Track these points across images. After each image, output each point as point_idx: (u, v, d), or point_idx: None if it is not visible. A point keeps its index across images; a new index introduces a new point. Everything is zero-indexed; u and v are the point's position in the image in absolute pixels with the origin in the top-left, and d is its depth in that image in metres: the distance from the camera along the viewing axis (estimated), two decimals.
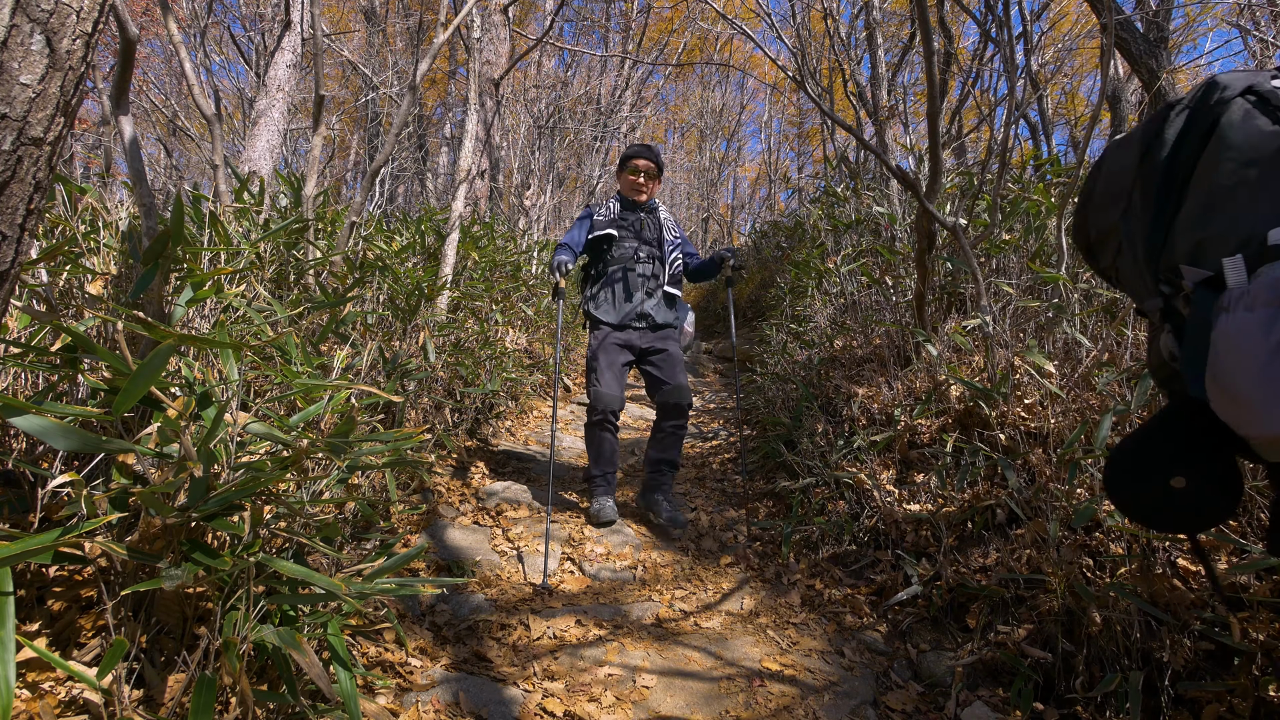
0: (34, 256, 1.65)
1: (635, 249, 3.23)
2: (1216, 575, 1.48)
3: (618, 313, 3.19)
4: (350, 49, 11.48)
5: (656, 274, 3.24)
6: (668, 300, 3.27)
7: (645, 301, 3.19)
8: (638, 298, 3.19)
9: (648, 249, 3.25)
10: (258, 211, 3.01)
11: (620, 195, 3.32)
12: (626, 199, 3.30)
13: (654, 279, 3.24)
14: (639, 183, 3.24)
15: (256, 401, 1.74)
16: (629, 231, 3.25)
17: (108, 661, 1.04)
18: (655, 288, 3.23)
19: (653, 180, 3.25)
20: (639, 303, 3.19)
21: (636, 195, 3.28)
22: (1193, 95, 0.94)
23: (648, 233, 3.27)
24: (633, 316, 3.18)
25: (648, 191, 3.27)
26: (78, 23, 0.92)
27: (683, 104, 21.18)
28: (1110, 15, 2.61)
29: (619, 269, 3.22)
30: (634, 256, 3.22)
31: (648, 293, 3.21)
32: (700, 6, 11.16)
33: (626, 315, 3.18)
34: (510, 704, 1.76)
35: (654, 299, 3.22)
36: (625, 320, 3.18)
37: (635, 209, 3.29)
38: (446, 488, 3.28)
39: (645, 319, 3.20)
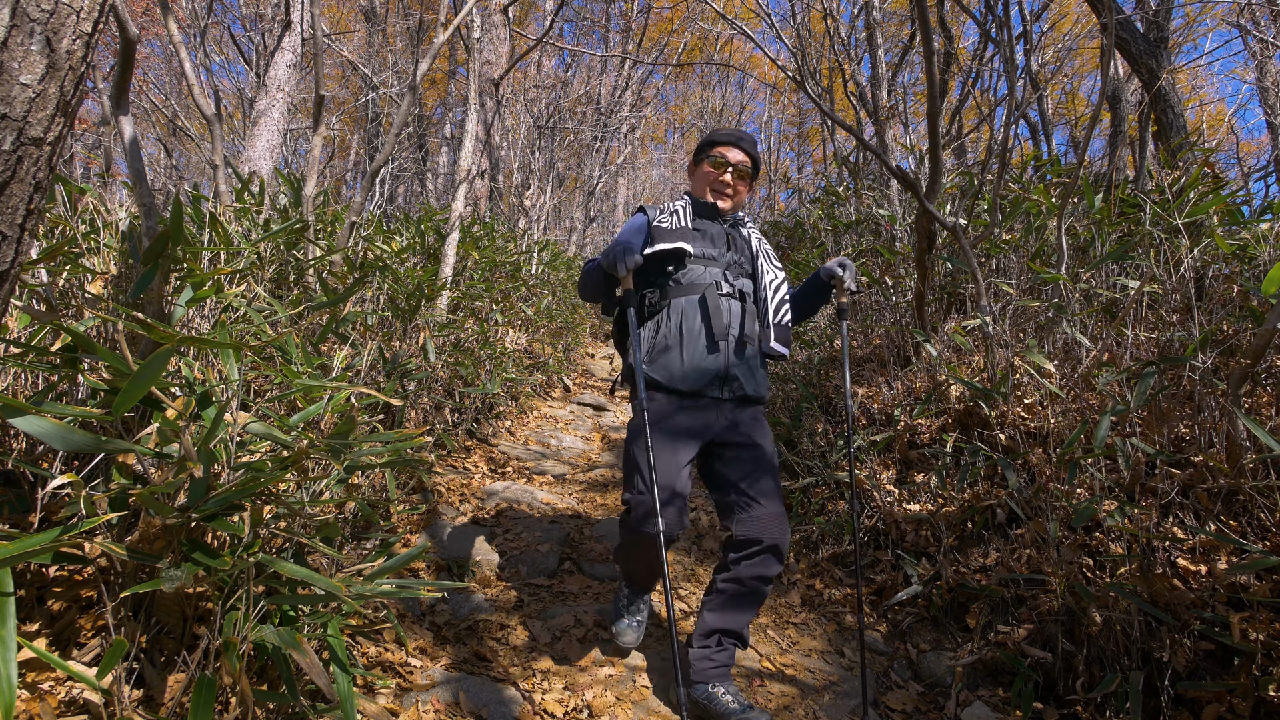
0: (34, 256, 1.65)
1: (718, 276, 2.00)
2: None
3: (687, 373, 1.91)
4: (350, 49, 11.48)
5: (751, 317, 2.02)
6: (762, 362, 2.05)
7: (733, 359, 1.93)
8: (721, 351, 1.92)
9: (735, 278, 2.04)
10: (258, 211, 3.01)
11: (691, 197, 2.17)
12: (701, 202, 2.14)
13: (745, 324, 1.99)
14: (724, 181, 2.10)
15: (256, 401, 1.74)
16: (707, 247, 2.04)
17: (108, 661, 1.04)
18: (747, 338, 1.98)
19: (744, 182, 2.13)
20: (723, 359, 1.92)
21: (718, 199, 2.12)
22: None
23: (735, 253, 2.08)
24: (710, 380, 1.91)
25: (735, 197, 2.13)
26: (78, 23, 0.92)
27: (683, 104, 21.19)
28: (1110, 15, 2.61)
29: (691, 303, 1.96)
30: (715, 286, 1.98)
31: (736, 345, 1.95)
32: (700, 6, 11.16)
33: (701, 378, 1.90)
34: (510, 704, 1.76)
35: (745, 355, 1.96)
36: (698, 385, 1.90)
37: (714, 218, 2.12)
38: (446, 488, 3.28)
39: (729, 386, 1.93)
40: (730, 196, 2.13)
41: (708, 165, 2.13)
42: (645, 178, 22.76)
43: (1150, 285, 2.89)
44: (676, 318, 1.96)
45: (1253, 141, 14.48)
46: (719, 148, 2.13)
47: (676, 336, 1.94)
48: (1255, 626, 1.65)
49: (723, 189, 2.12)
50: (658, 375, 1.93)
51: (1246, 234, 2.91)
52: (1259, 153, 13.00)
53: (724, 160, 2.10)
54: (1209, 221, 3.07)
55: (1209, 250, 2.97)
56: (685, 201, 2.14)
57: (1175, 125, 4.69)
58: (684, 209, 2.11)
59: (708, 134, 2.20)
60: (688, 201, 2.14)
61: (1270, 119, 6.75)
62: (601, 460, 4.36)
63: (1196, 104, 11.69)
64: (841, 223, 5.76)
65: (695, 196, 2.17)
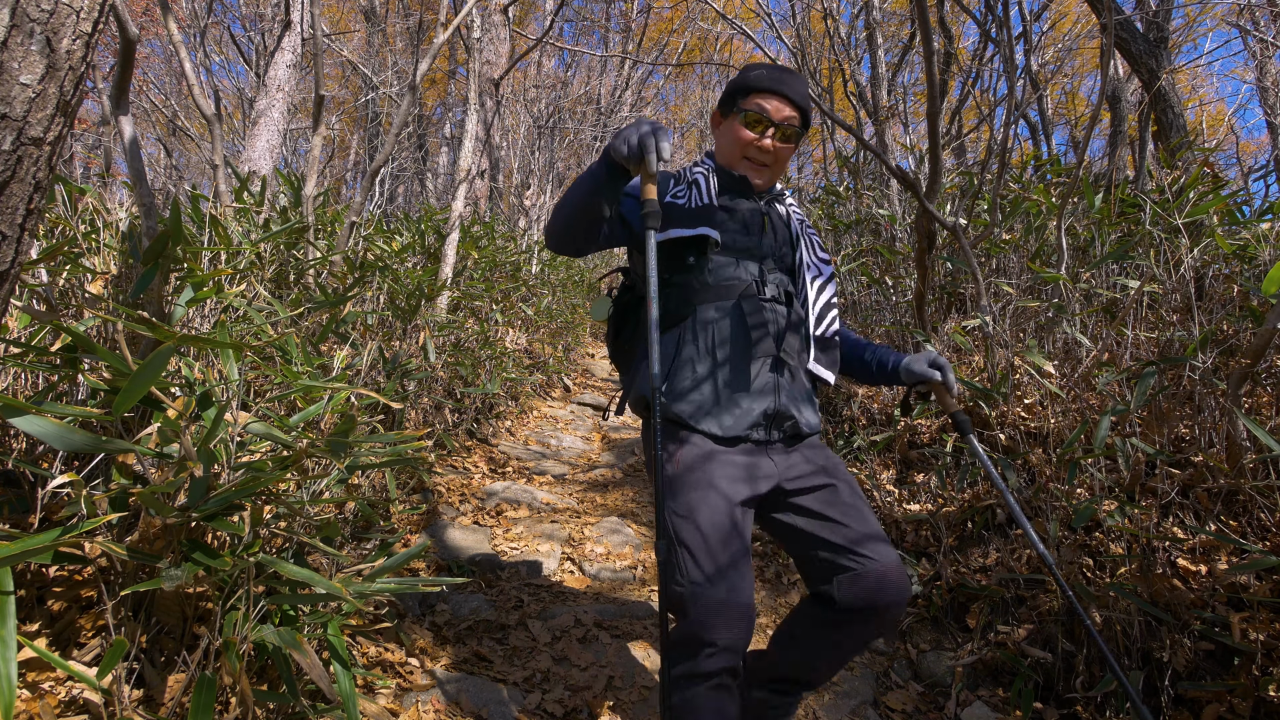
0: (34, 256, 1.65)
1: (755, 273, 1.47)
2: None
3: (724, 411, 1.39)
4: (350, 49, 11.48)
5: (798, 327, 1.49)
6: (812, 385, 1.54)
7: (784, 387, 1.42)
8: (768, 377, 1.41)
9: (775, 274, 1.49)
10: (258, 211, 3.01)
11: (714, 162, 1.58)
12: (729, 172, 1.54)
13: (793, 337, 1.47)
14: (762, 147, 1.48)
15: (256, 401, 1.75)
16: (739, 234, 1.48)
17: (108, 661, 1.04)
18: (797, 353, 1.47)
19: (789, 145, 1.49)
20: (771, 389, 1.41)
21: (752, 172, 1.52)
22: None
23: (773, 241, 1.52)
24: (755, 421, 1.39)
25: (775, 167, 1.53)
26: (78, 23, 0.92)
27: (683, 104, 21.19)
28: (1110, 15, 2.61)
29: (723, 312, 1.44)
30: (754, 288, 1.45)
31: (786, 367, 1.44)
32: (700, 6, 11.16)
33: (743, 419, 1.39)
34: (510, 704, 1.76)
35: (796, 380, 1.46)
36: (738, 429, 1.38)
37: (748, 193, 1.53)
38: (446, 488, 3.28)
39: (779, 426, 1.41)
40: (768, 167, 1.50)
41: (740, 124, 1.48)
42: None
43: (1150, 285, 2.89)
44: (705, 332, 1.41)
45: (1253, 141, 14.49)
46: (757, 97, 1.45)
47: (706, 359, 1.38)
48: (1255, 626, 1.65)
49: (760, 158, 1.48)
50: (682, 411, 1.37)
51: (1246, 234, 2.91)
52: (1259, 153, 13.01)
53: (764, 117, 1.45)
54: (1209, 221, 3.08)
55: (1209, 250, 2.97)
56: (708, 168, 1.53)
57: (1175, 125, 4.69)
58: (706, 179, 1.49)
59: (740, 73, 1.52)
60: (711, 168, 1.53)
61: (1270, 119, 6.75)
62: (601, 460, 4.36)
63: (1196, 104, 11.70)
64: (841, 222, 5.76)
65: (722, 164, 1.55)
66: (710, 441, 1.37)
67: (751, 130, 1.47)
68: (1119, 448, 2.15)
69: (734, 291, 1.44)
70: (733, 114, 1.51)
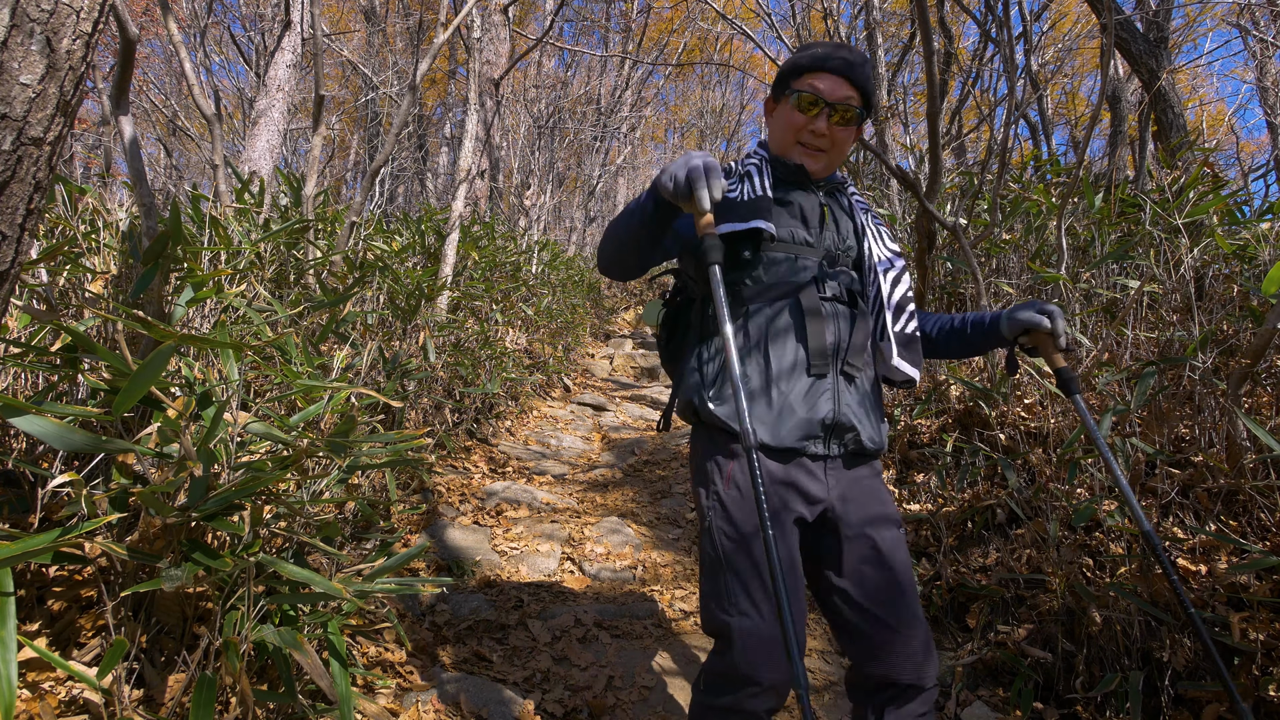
0: (34, 256, 1.65)
1: (814, 269, 1.35)
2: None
3: (778, 419, 1.26)
4: (350, 49, 11.48)
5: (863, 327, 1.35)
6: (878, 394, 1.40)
7: (844, 395, 1.29)
8: (828, 383, 1.29)
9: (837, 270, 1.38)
10: (258, 211, 3.01)
11: (766, 152, 1.45)
12: (783, 162, 1.41)
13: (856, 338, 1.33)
14: (817, 131, 1.35)
15: (256, 401, 1.75)
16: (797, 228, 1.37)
17: (108, 661, 1.04)
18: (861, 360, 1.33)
19: (848, 130, 1.37)
20: (831, 397, 1.28)
21: (807, 159, 1.38)
22: None
23: (835, 234, 1.41)
24: (812, 431, 1.27)
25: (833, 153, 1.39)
26: (78, 23, 0.92)
27: (683, 104, 21.19)
28: (1110, 15, 2.61)
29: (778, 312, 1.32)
30: (813, 286, 1.33)
31: (846, 373, 1.31)
32: (700, 6, 11.16)
33: (798, 428, 1.26)
34: (510, 704, 1.76)
35: (858, 387, 1.33)
36: (793, 440, 1.26)
37: (805, 184, 1.41)
38: (446, 488, 3.28)
39: (840, 438, 1.29)
40: (825, 152, 1.36)
41: (793, 107, 1.35)
42: (645, 178, 22.78)
43: (1150, 285, 2.89)
44: (758, 333, 1.30)
45: (1253, 141, 14.49)
46: (810, 77, 1.33)
47: (759, 363, 1.27)
48: (1255, 626, 1.65)
49: (814, 143, 1.35)
50: (733, 419, 1.24)
51: (1246, 234, 2.91)
52: (1259, 153, 13.01)
53: (819, 99, 1.31)
54: (1209, 221, 3.08)
55: (1209, 250, 2.97)
56: (760, 158, 1.41)
57: (1175, 125, 4.69)
58: (759, 170, 1.37)
59: (794, 54, 1.41)
60: (763, 158, 1.41)
61: (1270, 119, 6.75)
62: (601, 460, 4.36)
63: (1196, 104, 11.70)
64: None
65: (775, 153, 1.42)
66: (764, 459, 1.23)
67: (804, 113, 1.34)
68: (1119, 448, 2.15)
69: (790, 289, 1.32)
70: (784, 97, 1.39)
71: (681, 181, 1.13)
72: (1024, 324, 1.35)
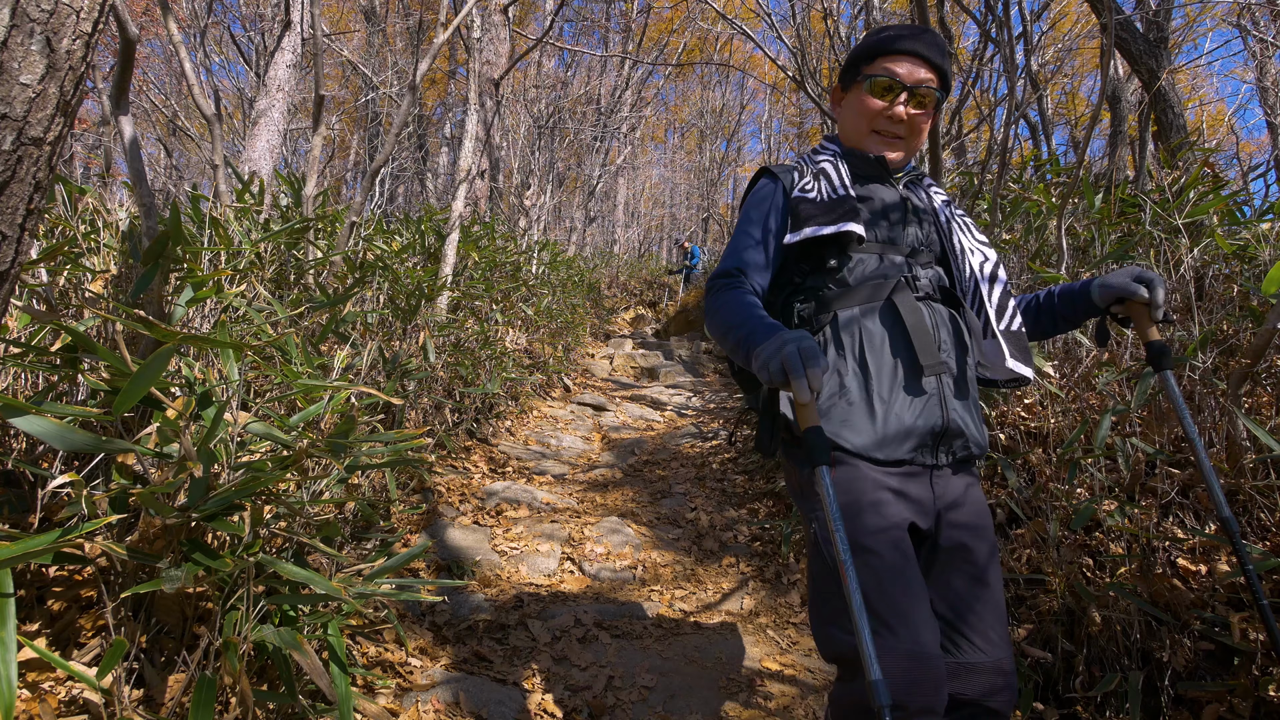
0: (34, 256, 1.65)
1: (903, 267, 1.27)
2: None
3: (885, 431, 1.17)
4: (350, 49, 11.48)
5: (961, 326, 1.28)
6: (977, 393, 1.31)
7: (952, 401, 1.21)
8: (934, 390, 1.20)
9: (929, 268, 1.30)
10: (258, 211, 3.01)
11: (839, 145, 1.37)
12: (860, 155, 1.33)
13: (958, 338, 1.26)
14: (895, 117, 1.28)
15: (256, 401, 1.75)
16: (880, 225, 1.30)
17: (108, 661, 1.04)
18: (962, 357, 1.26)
19: (925, 115, 1.29)
20: (938, 403, 1.20)
21: (886, 148, 1.31)
22: None
23: (919, 231, 1.32)
24: (922, 441, 1.18)
25: (912, 141, 1.32)
26: (78, 23, 0.92)
27: (683, 104, 21.21)
28: (1110, 15, 2.61)
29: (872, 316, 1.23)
30: (906, 285, 1.25)
31: (951, 377, 1.22)
32: (700, 6, 11.17)
33: (906, 438, 1.18)
34: (510, 704, 1.76)
35: (965, 392, 1.24)
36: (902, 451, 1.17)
37: (884, 177, 1.33)
38: (446, 488, 3.28)
39: (950, 446, 1.21)
40: (903, 140, 1.29)
41: (867, 94, 1.27)
42: (645, 178, 22.78)
43: None
44: (851, 339, 1.19)
45: (1253, 141, 14.49)
46: (884, 60, 1.25)
47: (856, 370, 1.17)
48: (1255, 626, 1.65)
49: (892, 130, 1.27)
50: (834, 432, 1.15)
51: (1246, 234, 2.91)
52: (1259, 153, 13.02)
53: (895, 82, 1.24)
54: (1209, 221, 3.07)
55: (1209, 250, 2.97)
56: (833, 152, 1.33)
57: (1175, 125, 4.69)
58: (835, 166, 1.29)
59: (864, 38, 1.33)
60: (837, 152, 1.33)
61: (1270, 119, 6.75)
62: (601, 460, 4.36)
63: (1196, 104, 11.70)
64: None
65: (849, 145, 1.34)
66: (870, 466, 1.15)
67: (880, 98, 1.26)
68: (1119, 448, 2.15)
69: (881, 291, 1.22)
70: (856, 84, 1.31)
71: (776, 373, 1.01)
72: (1118, 292, 1.22)
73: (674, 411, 5.98)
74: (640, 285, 14.93)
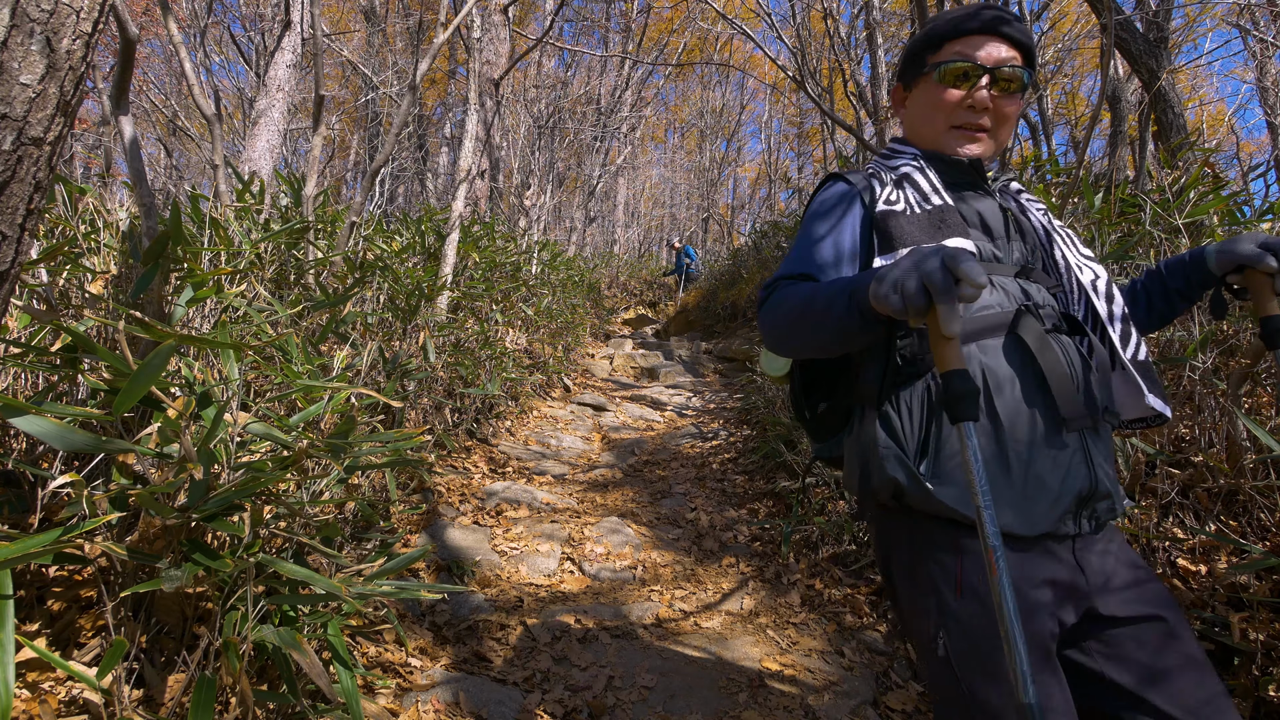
0: (34, 256, 1.65)
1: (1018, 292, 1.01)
2: None
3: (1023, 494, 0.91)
4: (350, 49, 11.48)
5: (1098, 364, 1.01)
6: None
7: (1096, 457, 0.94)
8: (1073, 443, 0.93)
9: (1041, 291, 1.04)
10: (258, 211, 3.01)
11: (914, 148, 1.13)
12: (942, 157, 1.10)
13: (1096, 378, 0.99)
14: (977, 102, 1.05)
15: (256, 401, 1.75)
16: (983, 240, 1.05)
17: (108, 661, 1.04)
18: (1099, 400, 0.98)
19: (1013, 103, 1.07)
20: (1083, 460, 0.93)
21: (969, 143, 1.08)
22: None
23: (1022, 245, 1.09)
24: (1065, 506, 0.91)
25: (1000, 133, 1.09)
26: (78, 23, 0.92)
27: (683, 104, 21.21)
28: (1110, 15, 2.61)
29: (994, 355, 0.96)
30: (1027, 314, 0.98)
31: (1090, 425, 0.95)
32: (700, 6, 11.17)
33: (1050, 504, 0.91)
34: (510, 704, 1.76)
35: (1104, 442, 0.97)
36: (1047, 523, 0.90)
37: (977, 182, 1.10)
38: (446, 488, 3.28)
39: (1092, 506, 0.93)
40: (988, 133, 1.07)
41: (940, 85, 1.07)
42: (645, 178, 22.79)
43: None
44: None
45: (1253, 141, 14.49)
46: (955, 44, 1.06)
47: (986, 425, 0.93)
48: (1255, 626, 1.65)
49: (975, 122, 1.06)
50: (960, 502, 0.90)
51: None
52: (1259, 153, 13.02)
53: (974, 66, 1.04)
54: (1209, 222, 3.07)
55: None
56: (912, 154, 1.11)
57: (1175, 125, 4.69)
58: (921, 172, 1.07)
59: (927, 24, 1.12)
60: (917, 153, 1.11)
61: (1270, 119, 6.76)
62: (601, 460, 4.37)
63: (1196, 104, 11.70)
64: None
65: (925, 146, 1.12)
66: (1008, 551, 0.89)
67: (957, 87, 1.05)
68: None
69: (998, 321, 0.97)
70: (923, 77, 1.09)
71: (914, 293, 0.75)
72: (1240, 259, 1.01)
73: (674, 411, 5.98)
74: (640, 285, 14.94)
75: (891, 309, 0.78)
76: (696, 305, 11.45)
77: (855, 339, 0.90)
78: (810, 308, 0.92)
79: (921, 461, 0.94)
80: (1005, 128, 1.08)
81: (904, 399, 0.96)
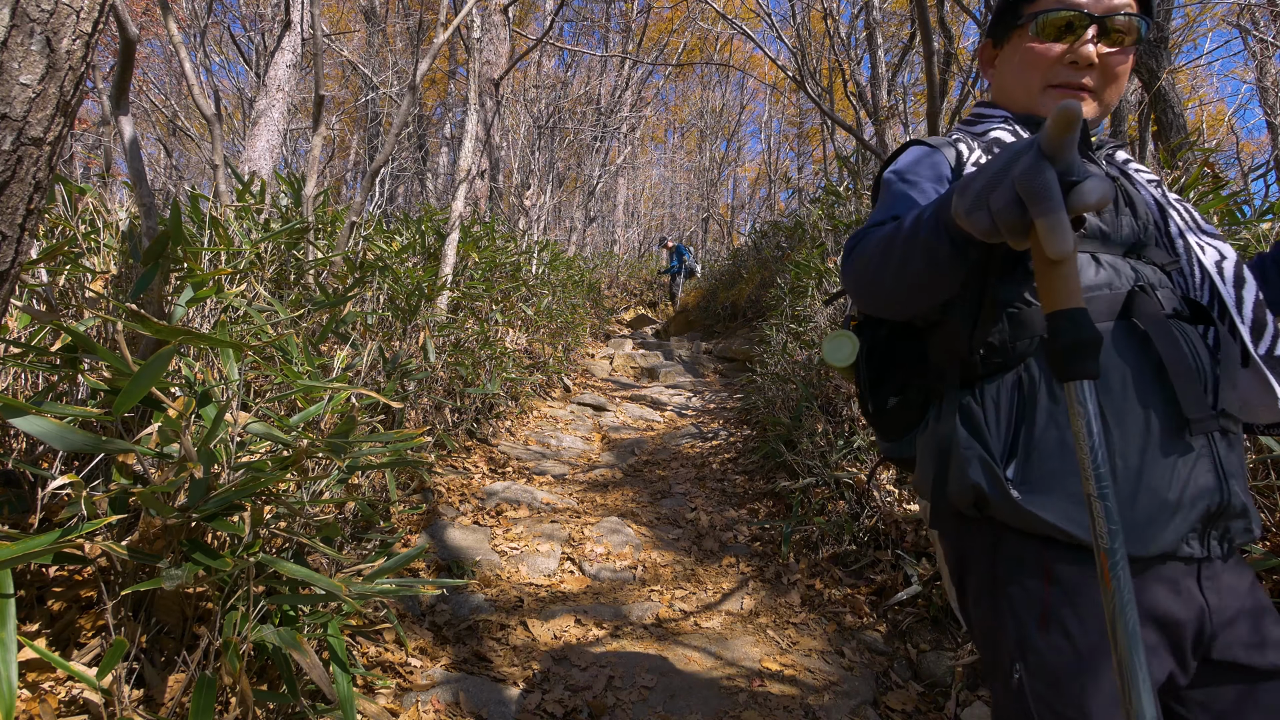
0: (34, 256, 1.65)
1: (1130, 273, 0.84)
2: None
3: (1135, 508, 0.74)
4: (350, 49, 11.49)
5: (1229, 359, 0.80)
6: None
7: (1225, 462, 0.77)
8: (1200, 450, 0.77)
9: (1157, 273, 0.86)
10: (258, 211, 3.01)
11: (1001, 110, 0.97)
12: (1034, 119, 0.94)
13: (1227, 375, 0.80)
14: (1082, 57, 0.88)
15: (257, 401, 1.75)
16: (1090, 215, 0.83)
17: (108, 661, 1.04)
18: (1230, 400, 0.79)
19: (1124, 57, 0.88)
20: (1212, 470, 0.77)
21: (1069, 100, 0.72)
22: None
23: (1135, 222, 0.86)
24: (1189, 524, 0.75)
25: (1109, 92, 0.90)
26: (78, 23, 0.92)
27: (683, 104, 21.22)
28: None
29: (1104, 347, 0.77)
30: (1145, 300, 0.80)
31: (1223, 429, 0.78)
32: (700, 6, 11.17)
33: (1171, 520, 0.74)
34: (510, 704, 1.76)
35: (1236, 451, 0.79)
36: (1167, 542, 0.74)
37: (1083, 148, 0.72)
38: (446, 488, 3.28)
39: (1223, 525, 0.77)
40: (1095, 93, 0.91)
41: (1037, 39, 0.91)
42: (645, 178, 22.79)
43: None
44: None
45: (1253, 141, 14.49)
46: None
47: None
48: None
49: (1077, 78, 0.90)
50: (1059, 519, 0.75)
51: (1246, 234, 2.91)
52: (1259, 153, 13.02)
53: (1079, 15, 0.88)
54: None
55: None
56: (1003, 117, 0.96)
57: (1175, 125, 4.69)
58: (1014, 135, 0.93)
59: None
60: (1008, 116, 0.96)
61: (1270, 119, 6.76)
62: (601, 460, 4.37)
63: (1196, 104, 11.70)
64: (842, 222, 5.77)
65: (1017, 110, 0.96)
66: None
67: (1060, 40, 0.89)
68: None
69: (1109, 307, 0.81)
70: (1017, 30, 0.93)
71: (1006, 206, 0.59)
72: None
73: (674, 411, 5.98)
74: (640, 285, 14.94)
75: (980, 230, 0.62)
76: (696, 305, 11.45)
77: (948, 274, 0.73)
78: (895, 238, 0.76)
79: (1009, 465, 0.79)
80: (1114, 87, 0.91)
81: (989, 393, 0.82)
